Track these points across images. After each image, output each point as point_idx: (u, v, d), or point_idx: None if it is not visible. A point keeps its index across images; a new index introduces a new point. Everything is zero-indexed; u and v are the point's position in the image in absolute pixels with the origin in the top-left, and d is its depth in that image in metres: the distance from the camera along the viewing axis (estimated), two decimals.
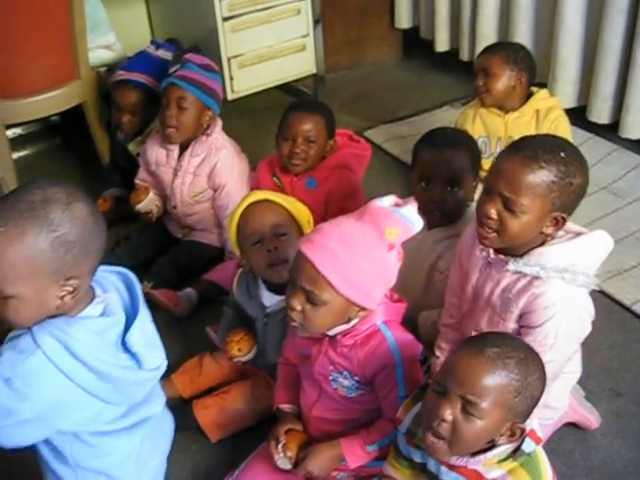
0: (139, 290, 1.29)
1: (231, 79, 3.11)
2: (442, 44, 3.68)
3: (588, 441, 1.77)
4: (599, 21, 2.84)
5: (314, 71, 3.34)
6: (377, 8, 3.79)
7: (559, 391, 1.63)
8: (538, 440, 1.27)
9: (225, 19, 3.01)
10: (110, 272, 1.30)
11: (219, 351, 1.93)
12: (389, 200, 1.38)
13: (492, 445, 1.25)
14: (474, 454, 1.26)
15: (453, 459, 1.28)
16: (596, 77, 2.91)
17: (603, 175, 2.73)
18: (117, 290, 1.27)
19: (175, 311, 2.21)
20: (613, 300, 2.15)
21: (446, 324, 1.74)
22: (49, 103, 2.69)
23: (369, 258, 1.33)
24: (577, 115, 2.93)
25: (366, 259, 1.33)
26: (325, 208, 2.22)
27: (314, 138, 2.17)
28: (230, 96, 3.11)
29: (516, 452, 1.26)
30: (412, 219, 1.35)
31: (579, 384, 1.77)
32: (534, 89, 2.51)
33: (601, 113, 2.95)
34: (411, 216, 1.35)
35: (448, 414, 1.21)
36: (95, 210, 1.18)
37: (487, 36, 3.32)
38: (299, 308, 1.36)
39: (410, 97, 3.53)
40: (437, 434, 1.22)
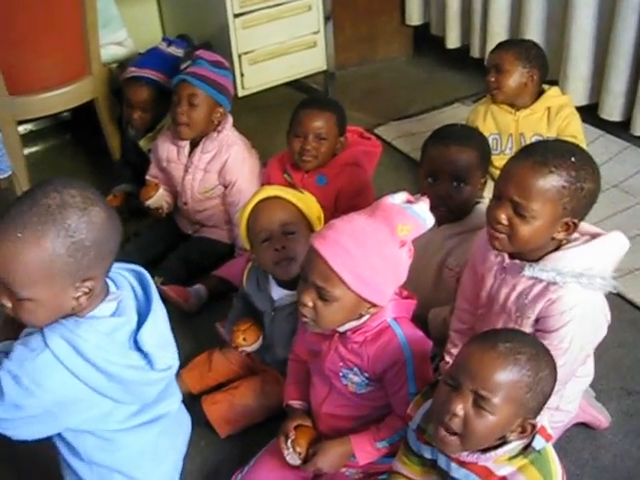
0: (154, 289, 1.29)
1: (242, 76, 3.11)
2: (453, 41, 3.67)
3: (598, 440, 1.77)
4: (611, 18, 2.83)
5: (325, 68, 3.34)
6: (388, 5, 3.79)
7: (572, 395, 1.63)
8: (548, 437, 1.27)
9: (236, 15, 3.01)
10: (125, 269, 1.30)
11: (228, 347, 1.94)
12: (401, 197, 1.37)
13: (503, 442, 1.26)
14: (485, 450, 1.26)
15: (464, 455, 1.28)
16: (608, 74, 2.89)
17: (614, 173, 2.72)
18: (131, 288, 1.27)
19: (185, 307, 2.22)
20: (623, 299, 2.14)
21: (456, 329, 1.73)
22: (61, 99, 2.70)
23: (381, 254, 1.33)
24: (588, 112, 2.92)
25: (378, 255, 1.33)
26: (335, 205, 2.22)
27: (325, 135, 2.17)
28: (241, 93, 3.12)
29: (526, 449, 1.26)
30: (424, 216, 1.35)
31: (589, 384, 1.76)
32: (545, 86, 2.50)
33: (613, 110, 2.94)
34: (423, 213, 1.35)
35: (460, 408, 1.21)
36: (111, 212, 1.18)
37: (498, 33, 3.32)
38: (310, 304, 1.36)
39: (421, 94, 3.52)
40: (449, 429, 1.23)
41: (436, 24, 3.78)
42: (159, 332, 1.26)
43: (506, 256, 1.50)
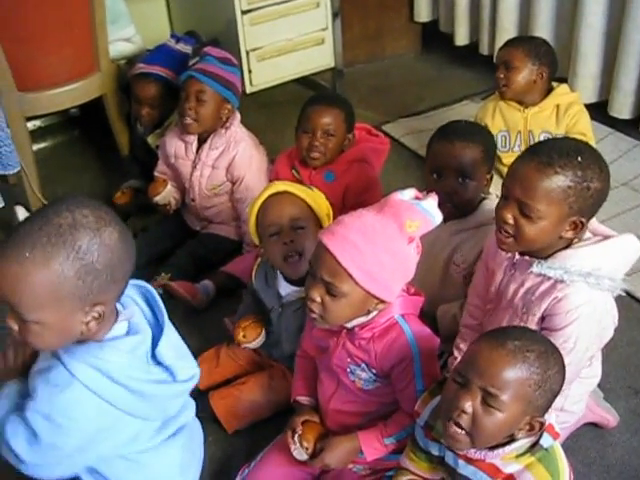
0: (159, 301, 1.26)
1: (250, 72, 3.11)
2: (462, 38, 3.66)
3: (605, 439, 1.76)
4: (621, 15, 2.81)
5: (333, 65, 3.33)
6: (396, 1, 3.78)
7: (577, 396, 1.62)
8: (556, 435, 1.27)
9: (244, 12, 3.01)
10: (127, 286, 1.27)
11: (235, 343, 1.94)
12: (409, 193, 1.37)
13: (511, 439, 1.25)
14: (492, 448, 1.26)
15: (471, 452, 1.28)
16: (617, 72, 2.88)
17: (624, 171, 2.71)
18: (136, 304, 1.24)
19: (192, 303, 2.22)
20: (632, 297, 2.13)
21: (467, 324, 1.73)
22: (69, 95, 2.71)
23: (389, 251, 1.33)
24: (598, 110, 2.90)
25: (386, 251, 1.33)
26: (343, 201, 2.22)
27: (333, 131, 2.17)
28: (249, 89, 3.12)
29: (534, 447, 1.25)
30: (432, 212, 1.35)
31: (597, 385, 1.75)
32: (554, 84, 2.50)
33: (622, 108, 2.92)
34: (431, 209, 1.35)
35: (468, 405, 1.21)
36: (125, 235, 1.13)
37: (507, 29, 3.30)
38: (319, 300, 1.36)
39: (429, 91, 3.52)
40: (458, 425, 1.23)
41: (445, 21, 3.77)
42: (175, 344, 1.24)
43: (517, 252, 1.50)
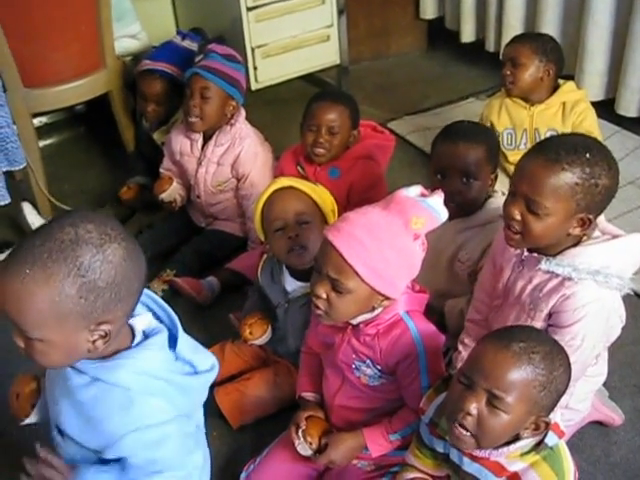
0: (162, 302, 1.24)
1: (255, 69, 3.11)
2: (467, 35, 3.66)
3: (610, 437, 1.76)
4: (628, 12, 2.80)
5: (338, 62, 3.33)
6: None
7: (583, 394, 1.62)
8: (561, 433, 1.26)
9: (249, 9, 3.01)
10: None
11: (240, 339, 1.94)
12: (415, 190, 1.37)
13: (516, 438, 1.25)
14: (497, 446, 1.26)
15: (476, 450, 1.27)
16: (625, 69, 2.87)
17: (631, 169, 2.69)
18: (147, 307, 1.22)
19: (197, 299, 2.22)
20: (638, 296, 2.12)
21: (472, 319, 1.73)
22: (75, 92, 2.71)
23: (395, 247, 1.33)
24: (605, 108, 2.89)
25: (392, 248, 1.33)
26: (347, 198, 2.22)
27: (338, 128, 2.16)
28: (254, 86, 3.12)
29: (539, 445, 1.25)
30: (438, 209, 1.35)
31: (602, 383, 1.75)
32: (561, 81, 2.49)
33: (630, 106, 2.91)
34: (437, 206, 1.35)
35: (473, 407, 1.20)
36: (132, 251, 1.08)
37: (513, 26, 3.29)
38: (324, 296, 1.36)
39: (435, 88, 3.51)
40: (463, 427, 1.22)
41: (451, 18, 3.76)
42: (188, 340, 1.22)
43: (525, 248, 1.50)
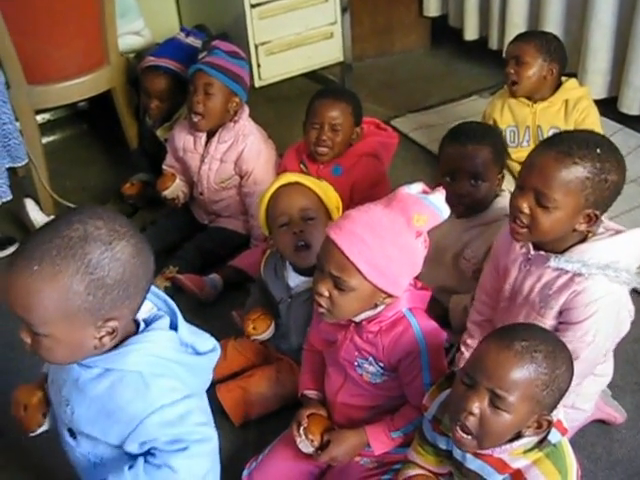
0: (160, 292, 1.25)
1: (258, 66, 3.11)
2: (471, 32, 3.65)
3: (612, 435, 1.76)
4: (631, 11, 2.80)
5: (341, 59, 3.33)
6: None
7: (589, 395, 1.62)
8: (564, 431, 1.27)
9: (253, 6, 3.01)
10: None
11: (243, 336, 1.95)
12: (417, 187, 1.37)
13: (518, 435, 1.25)
14: (500, 443, 1.25)
15: None
16: (627, 68, 2.86)
17: (633, 167, 2.66)
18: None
19: (200, 296, 2.23)
20: (638, 293, 2.12)
21: (474, 321, 1.73)
22: (79, 89, 2.71)
23: (397, 245, 1.33)
24: (608, 106, 2.89)
25: (394, 246, 1.33)
26: (351, 196, 2.21)
27: (340, 125, 2.17)
28: (257, 83, 3.12)
29: (542, 442, 1.25)
30: (440, 206, 1.35)
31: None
32: (563, 78, 2.48)
33: (632, 104, 2.91)
34: (439, 203, 1.35)
35: (476, 407, 1.21)
36: (140, 249, 1.08)
37: (517, 24, 3.29)
38: (326, 294, 1.37)
39: (438, 86, 3.51)
40: (465, 429, 1.23)
41: (454, 15, 3.76)
42: (187, 326, 1.23)
43: (531, 247, 1.50)
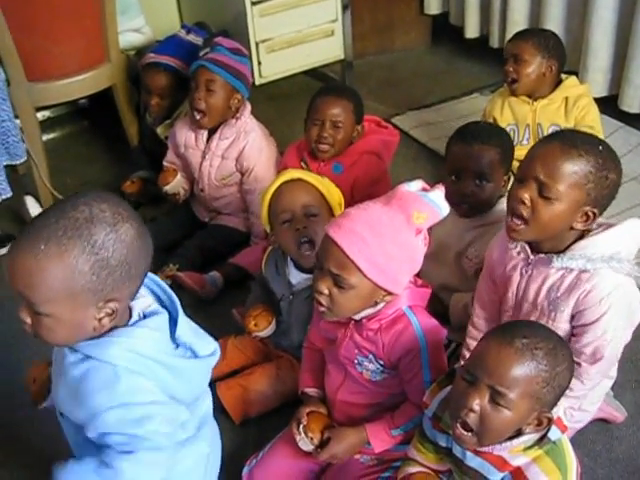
0: (166, 286, 1.25)
1: (259, 64, 3.11)
2: (472, 30, 3.65)
3: (611, 432, 1.76)
4: (632, 8, 2.80)
5: (342, 57, 3.32)
6: None
7: (596, 397, 1.62)
8: (564, 428, 1.27)
9: (254, 3, 3.01)
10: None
11: (243, 334, 1.95)
12: (417, 185, 1.37)
13: (518, 433, 1.25)
14: (500, 441, 1.26)
15: None
16: (628, 65, 2.86)
17: (634, 165, 2.69)
18: (148, 288, 1.23)
19: (200, 294, 2.23)
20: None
21: (472, 337, 1.70)
22: (79, 86, 2.71)
23: (396, 242, 1.33)
24: (608, 104, 2.89)
25: (393, 243, 1.33)
26: (351, 194, 2.21)
27: (342, 123, 2.17)
28: (258, 81, 3.11)
29: (542, 440, 1.26)
30: (440, 204, 1.35)
31: None
32: (563, 76, 2.48)
33: (633, 102, 2.91)
34: (439, 201, 1.35)
35: (476, 404, 1.21)
36: (142, 232, 1.11)
37: (518, 22, 3.29)
38: (326, 292, 1.37)
39: (439, 84, 3.51)
40: (465, 426, 1.23)
41: (455, 13, 3.75)
42: (189, 324, 1.23)
43: (529, 251, 1.49)
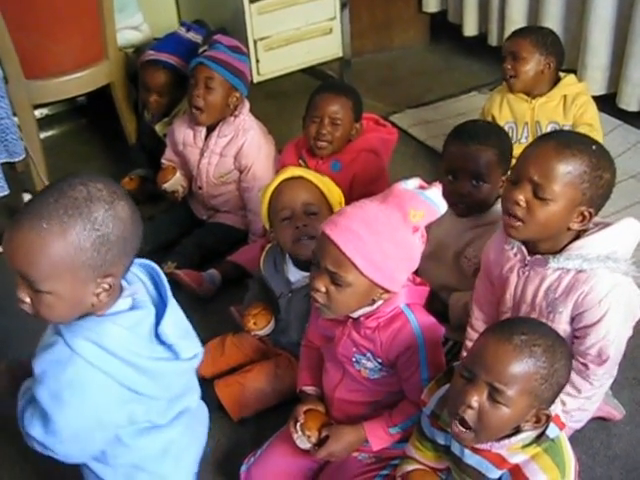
0: (165, 281, 1.26)
1: (257, 62, 3.11)
2: (470, 28, 3.65)
3: (609, 429, 1.76)
4: (630, 6, 2.80)
5: (340, 55, 3.32)
6: None
7: (597, 396, 1.61)
8: (562, 425, 1.27)
9: (252, 1, 3.00)
10: (134, 265, 1.25)
11: (242, 331, 1.95)
12: (413, 182, 1.37)
13: (517, 430, 1.25)
14: (499, 438, 1.26)
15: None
16: (626, 63, 2.86)
17: (632, 163, 2.69)
18: (141, 282, 1.25)
19: (198, 291, 2.22)
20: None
21: (472, 339, 1.68)
22: (77, 83, 2.71)
23: (393, 240, 1.33)
24: (607, 102, 2.89)
25: (390, 241, 1.32)
26: (349, 192, 2.21)
27: (340, 120, 2.17)
28: (256, 79, 3.11)
29: (540, 437, 1.26)
30: (437, 201, 1.35)
31: None
32: (562, 74, 2.48)
33: (631, 100, 2.91)
34: (436, 198, 1.35)
35: (474, 400, 1.21)
36: (135, 210, 1.15)
37: (516, 21, 3.29)
38: (323, 289, 1.36)
39: (437, 82, 3.51)
40: (464, 423, 1.23)
41: (453, 11, 3.76)
42: (178, 323, 1.24)
43: (525, 252, 1.49)
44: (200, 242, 2.43)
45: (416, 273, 1.46)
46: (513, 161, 2.37)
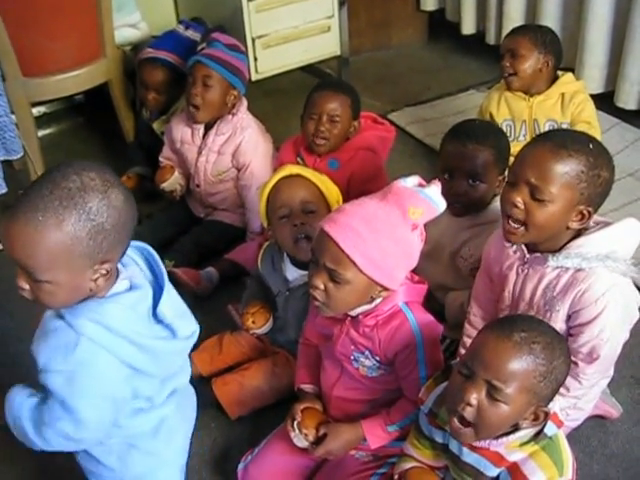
0: (159, 262, 1.29)
1: (255, 60, 3.10)
2: (468, 27, 3.65)
3: (607, 428, 1.76)
4: (628, 5, 2.80)
5: (338, 53, 3.32)
6: None
7: (593, 394, 1.62)
8: (560, 423, 1.27)
9: None
10: (129, 248, 1.28)
11: (239, 330, 1.95)
12: (413, 180, 1.37)
13: (515, 428, 1.25)
14: (497, 436, 1.26)
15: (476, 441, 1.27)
16: (624, 62, 2.87)
17: (630, 162, 2.70)
18: (136, 264, 1.27)
19: (196, 290, 2.22)
20: (636, 287, 2.12)
21: (470, 335, 1.69)
22: (75, 81, 2.71)
23: (392, 237, 1.33)
24: (604, 100, 2.90)
25: (389, 238, 1.32)
26: (347, 190, 2.21)
27: (339, 117, 2.17)
28: (254, 77, 3.11)
29: (538, 435, 1.26)
30: (436, 199, 1.35)
31: None
32: (559, 72, 2.49)
33: (629, 98, 2.92)
34: (435, 196, 1.35)
35: (473, 398, 1.21)
36: (128, 196, 1.17)
37: (514, 19, 3.29)
38: (322, 287, 1.36)
39: (435, 80, 3.51)
40: (463, 420, 1.23)
41: (451, 9, 3.76)
42: (174, 303, 1.27)
43: (525, 250, 1.49)
44: (198, 240, 2.43)
45: (413, 271, 1.46)
46: (511, 159, 2.40)
